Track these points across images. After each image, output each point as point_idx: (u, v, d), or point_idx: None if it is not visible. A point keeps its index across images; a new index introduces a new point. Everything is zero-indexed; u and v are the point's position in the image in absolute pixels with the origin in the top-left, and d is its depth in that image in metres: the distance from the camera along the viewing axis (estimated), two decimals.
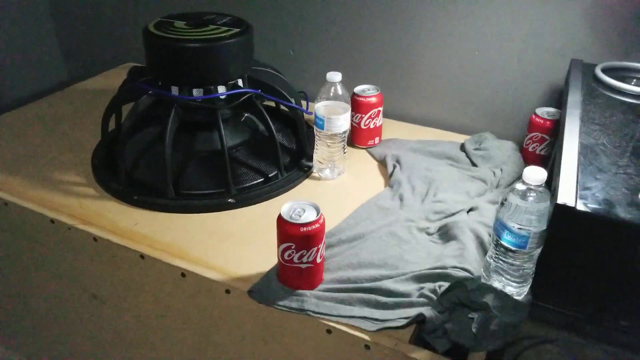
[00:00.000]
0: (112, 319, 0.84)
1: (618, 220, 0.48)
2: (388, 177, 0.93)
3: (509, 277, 0.62)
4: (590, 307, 0.58)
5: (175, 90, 0.85)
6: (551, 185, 0.59)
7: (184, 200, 0.83)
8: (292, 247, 0.60)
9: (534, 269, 0.60)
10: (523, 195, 0.57)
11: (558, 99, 1.01)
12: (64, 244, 0.80)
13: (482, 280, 0.64)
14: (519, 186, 0.57)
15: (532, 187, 0.56)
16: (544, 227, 0.56)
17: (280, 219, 0.60)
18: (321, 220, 0.60)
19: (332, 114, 0.86)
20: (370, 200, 0.85)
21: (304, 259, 0.61)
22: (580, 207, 0.49)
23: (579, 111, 0.70)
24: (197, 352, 0.77)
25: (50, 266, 0.86)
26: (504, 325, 0.57)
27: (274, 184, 0.88)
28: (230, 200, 0.83)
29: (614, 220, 0.48)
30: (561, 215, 0.49)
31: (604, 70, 0.85)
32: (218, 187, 0.85)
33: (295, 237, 0.59)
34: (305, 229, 0.59)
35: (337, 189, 0.90)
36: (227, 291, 0.67)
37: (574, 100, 0.74)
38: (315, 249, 0.61)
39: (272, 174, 0.90)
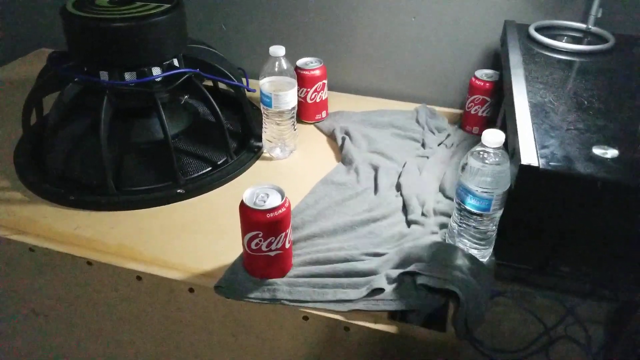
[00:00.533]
0: (59, 335, 0.77)
1: (579, 175, 0.49)
2: (339, 151, 0.91)
3: (473, 240, 0.63)
4: (538, 259, 0.61)
5: (104, 76, 0.77)
6: (507, 146, 0.61)
7: (128, 195, 0.76)
8: (260, 236, 0.57)
9: (496, 230, 0.62)
10: (483, 159, 0.57)
11: (494, 61, 1.04)
12: None
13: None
14: (479, 149, 0.57)
15: (491, 149, 0.56)
16: (506, 189, 0.57)
17: (244, 207, 0.57)
18: (287, 204, 0.58)
19: (279, 90, 0.83)
20: (326, 177, 0.83)
21: (273, 246, 0.58)
22: (544, 166, 0.50)
23: (522, 71, 0.72)
24: (161, 357, 0.73)
25: None
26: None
27: (224, 169, 0.84)
28: (179, 190, 0.78)
29: (574, 175, 0.50)
30: (526, 175, 0.50)
31: (537, 30, 0.88)
32: (165, 179, 0.79)
33: (262, 224, 0.56)
34: (271, 214, 0.56)
35: (291, 168, 0.87)
36: (191, 290, 0.63)
37: (515, 60, 0.76)
38: (283, 234, 0.58)
39: (220, 161, 0.86)
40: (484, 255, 0.64)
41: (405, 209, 0.74)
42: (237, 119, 0.95)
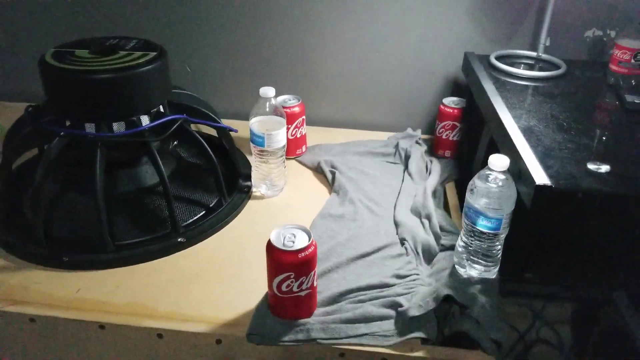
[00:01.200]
0: None
1: (587, 191, 0.55)
2: (330, 184, 0.93)
3: (483, 259, 0.67)
4: (545, 270, 0.66)
5: (90, 128, 0.74)
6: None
7: (127, 250, 0.73)
8: (292, 277, 0.57)
9: (501, 249, 0.66)
10: (491, 181, 0.62)
11: (454, 88, 1.12)
12: None
13: (456, 267, 0.69)
14: (486, 173, 0.62)
15: (498, 173, 0.61)
16: (512, 208, 0.62)
17: (274, 249, 0.57)
18: (314, 242, 0.58)
19: (272, 130, 0.84)
20: (323, 212, 0.85)
21: (304, 286, 0.58)
22: (556, 185, 0.55)
23: (499, 98, 0.79)
24: None
25: None
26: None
27: (221, 213, 0.83)
28: (180, 239, 0.76)
29: (582, 191, 0.55)
30: (540, 194, 0.55)
31: (497, 59, 0.97)
32: (160, 228, 0.77)
33: (294, 264, 0.56)
34: (303, 254, 0.56)
35: (285, 205, 0.88)
36: (218, 341, 0.61)
37: (490, 88, 0.83)
38: (312, 272, 0.59)
39: (212, 203, 0.85)
40: (493, 273, 0.68)
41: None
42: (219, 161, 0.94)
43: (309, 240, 0.58)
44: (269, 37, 1.09)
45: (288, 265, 0.56)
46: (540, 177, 0.56)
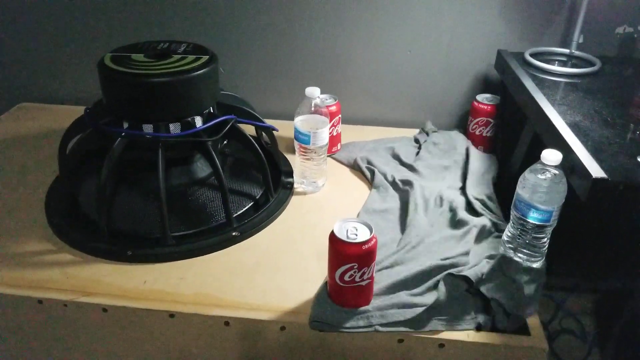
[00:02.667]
0: None
1: (638, 183, 0.58)
2: (370, 180, 0.96)
3: (530, 252, 0.69)
4: (591, 263, 0.69)
5: (148, 128, 0.78)
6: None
7: (187, 244, 0.77)
8: (355, 267, 0.60)
9: (548, 242, 0.69)
10: (543, 175, 0.64)
11: (484, 85, 1.14)
12: (59, 324, 0.69)
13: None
14: (539, 167, 0.65)
15: (550, 167, 0.64)
16: (562, 201, 0.65)
17: (339, 242, 0.60)
18: (375, 235, 0.61)
19: (317, 128, 0.87)
20: (366, 207, 0.88)
21: (365, 276, 0.61)
22: (612, 177, 0.58)
23: (541, 95, 0.81)
24: None
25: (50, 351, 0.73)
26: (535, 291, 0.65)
27: (269, 208, 0.86)
28: (234, 233, 0.79)
29: (636, 184, 0.58)
30: (597, 187, 0.57)
31: (531, 56, 0.99)
32: (214, 219, 0.80)
33: (358, 256, 0.59)
34: (366, 246, 0.59)
35: (327, 200, 0.91)
36: (283, 328, 0.64)
37: (530, 85, 0.85)
38: (373, 263, 0.62)
39: (258, 196, 0.88)
40: (538, 265, 0.71)
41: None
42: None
43: (371, 233, 0.61)
44: (301, 37, 1.12)
45: (352, 257, 0.59)
46: (596, 170, 0.59)
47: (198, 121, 0.81)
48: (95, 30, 1.15)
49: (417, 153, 1.02)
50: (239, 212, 0.83)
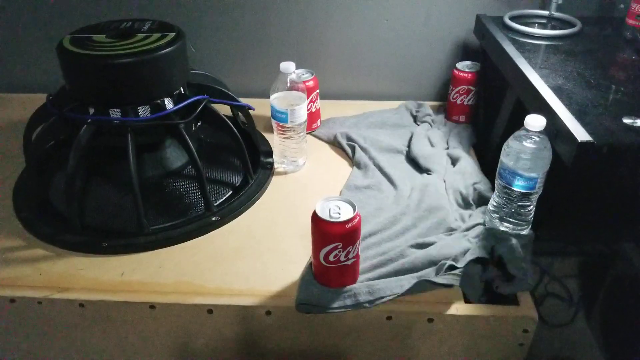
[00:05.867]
0: None
1: (630, 145, 0.56)
2: (350, 157, 0.94)
3: (516, 220, 0.68)
4: (578, 229, 0.68)
5: (116, 113, 0.74)
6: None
7: (164, 232, 0.74)
8: (339, 247, 0.58)
9: (534, 210, 0.68)
10: (527, 142, 0.63)
11: (463, 52, 1.11)
12: (34, 323, 0.66)
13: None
14: (522, 134, 0.63)
15: (533, 133, 0.62)
16: (547, 168, 0.63)
17: (321, 221, 0.58)
18: (358, 213, 0.59)
19: (294, 105, 0.84)
20: (349, 183, 0.86)
21: (350, 255, 0.59)
22: (598, 141, 0.56)
23: (522, 59, 0.79)
24: None
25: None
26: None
27: (249, 190, 0.83)
28: (214, 218, 0.77)
29: (624, 146, 0.56)
30: (583, 151, 0.56)
31: (511, 20, 0.96)
32: (193, 210, 0.78)
33: (342, 235, 0.57)
34: (350, 224, 0.57)
35: (308, 179, 0.89)
36: (268, 312, 0.63)
37: (511, 50, 0.83)
38: (357, 242, 0.60)
39: (238, 182, 0.85)
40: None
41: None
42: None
43: (354, 211, 0.59)
44: (273, 8, 1.07)
45: (336, 236, 0.57)
46: (581, 134, 0.57)
47: (168, 103, 0.77)
48: (53, 10, 1.08)
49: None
50: (221, 199, 0.81)
